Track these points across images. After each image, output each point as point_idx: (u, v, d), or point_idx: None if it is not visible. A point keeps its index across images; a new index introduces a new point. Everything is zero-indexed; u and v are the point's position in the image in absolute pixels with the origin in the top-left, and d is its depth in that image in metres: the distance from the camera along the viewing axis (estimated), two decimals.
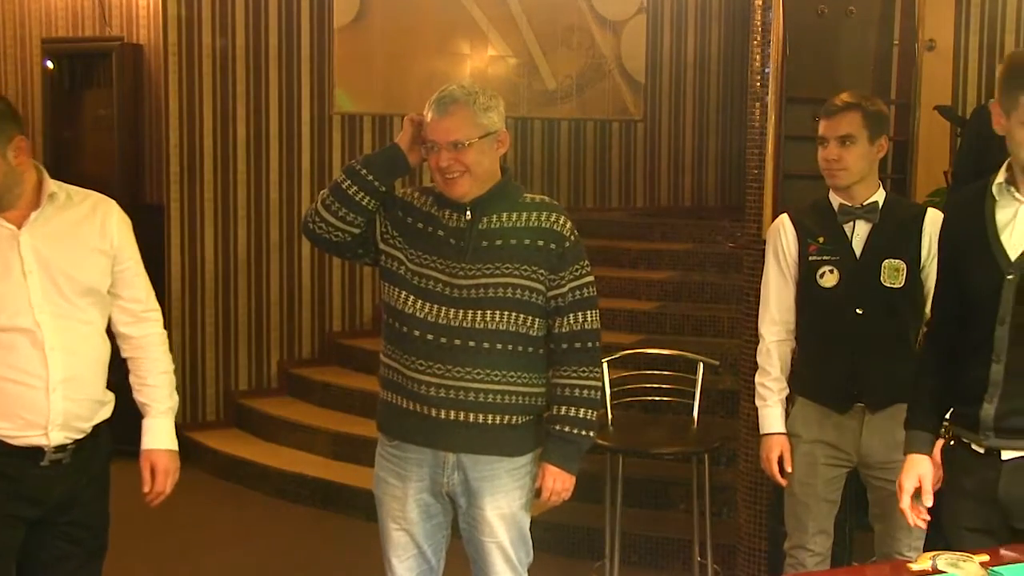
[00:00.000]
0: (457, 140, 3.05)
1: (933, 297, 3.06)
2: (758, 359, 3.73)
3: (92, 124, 7.37)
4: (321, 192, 3.17)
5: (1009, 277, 2.70)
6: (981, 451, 2.78)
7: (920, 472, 2.88)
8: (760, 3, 4.43)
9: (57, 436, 2.93)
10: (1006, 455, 2.74)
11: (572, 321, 3.11)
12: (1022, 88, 2.62)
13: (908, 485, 2.88)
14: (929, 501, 2.87)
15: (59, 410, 2.92)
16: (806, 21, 4.82)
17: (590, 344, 3.14)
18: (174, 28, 6.82)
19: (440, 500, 3.20)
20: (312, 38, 7.30)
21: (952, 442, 2.88)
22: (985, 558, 2.10)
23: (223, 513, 5.98)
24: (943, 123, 6.20)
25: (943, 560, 2.09)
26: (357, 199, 3.09)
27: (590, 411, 3.15)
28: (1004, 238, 2.73)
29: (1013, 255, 2.71)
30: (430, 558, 3.25)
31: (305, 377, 7.21)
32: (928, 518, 2.88)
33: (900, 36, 5.14)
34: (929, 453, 2.91)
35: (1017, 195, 2.73)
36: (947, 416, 2.94)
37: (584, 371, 3.13)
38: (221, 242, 7.10)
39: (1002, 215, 2.75)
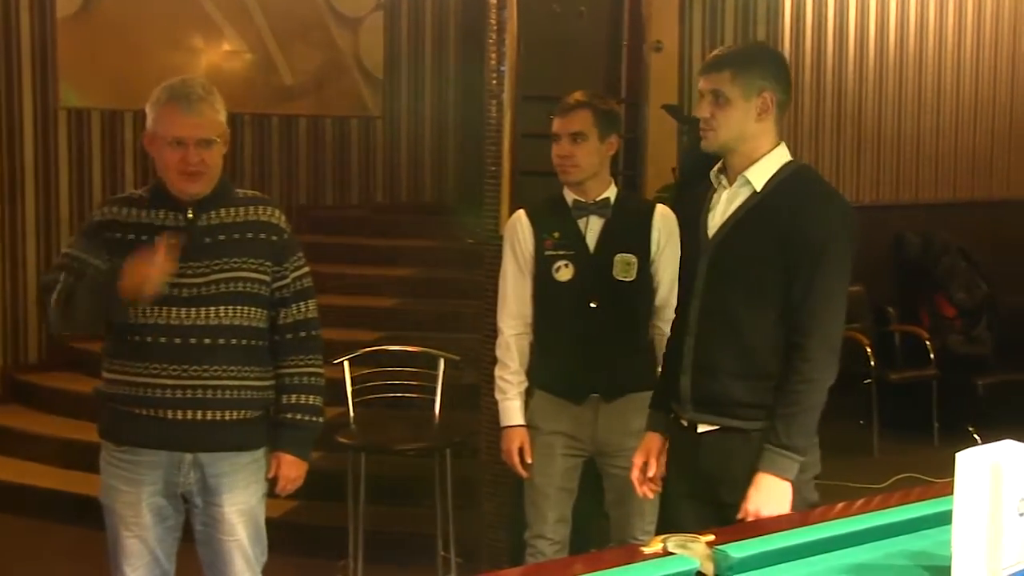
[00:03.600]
0: (208, 138, 3.04)
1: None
2: (497, 353, 3.80)
3: None
4: (69, 309, 3.03)
5: (704, 254, 2.93)
6: (685, 424, 2.97)
7: (648, 448, 3.08)
8: (495, 1, 4.48)
9: None
10: (701, 428, 2.93)
11: (296, 311, 3.20)
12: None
13: (638, 460, 3.09)
14: (651, 472, 3.07)
15: None
16: (540, 20, 4.93)
17: (314, 332, 3.24)
18: None
19: (173, 502, 3.16)
20: (33, 27, 6.92)
21: (672, 414, 3.06)
22: (711, 537, 2.20)
23: None
24: (671, 122, 6.42)
25: (672, 542, 2.17)
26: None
27: (318, 398, 3.24)
28: (708, 219, 2.95)
29: (711, 234, 2.93)
30: (163, 563, 3.19)
31: (32, 383, 6.85)
32: (658, 489, 3.08)
33: (628, 37, 5.31)
34: (659, 430, 3.09)
35: (724, 181, 2.95)
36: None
37: (311, 359, 3.23)
38: None
39: (713, 199, 2.97)
